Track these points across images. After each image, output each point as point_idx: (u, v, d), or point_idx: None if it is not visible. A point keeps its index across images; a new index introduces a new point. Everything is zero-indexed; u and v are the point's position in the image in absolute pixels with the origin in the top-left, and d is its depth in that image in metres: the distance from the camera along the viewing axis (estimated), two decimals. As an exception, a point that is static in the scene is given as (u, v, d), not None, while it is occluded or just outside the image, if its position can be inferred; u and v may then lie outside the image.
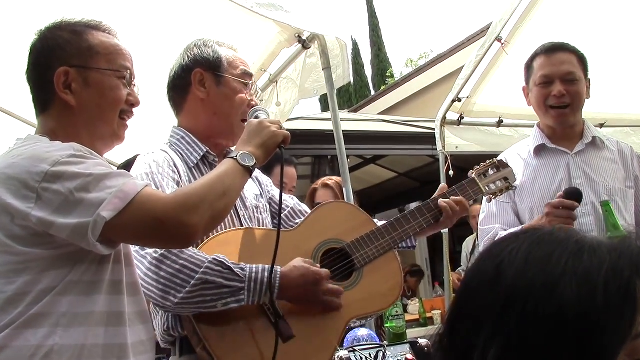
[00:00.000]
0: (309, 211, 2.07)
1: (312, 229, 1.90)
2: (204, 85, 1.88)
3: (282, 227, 1.88)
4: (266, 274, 1.62)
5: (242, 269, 1.62)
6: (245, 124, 1.76)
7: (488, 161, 2.24)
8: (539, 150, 2.45)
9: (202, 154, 1.86)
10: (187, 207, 1.38)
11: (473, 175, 2.18)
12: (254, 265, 1.64)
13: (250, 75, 1.93)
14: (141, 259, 1.61)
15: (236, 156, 1.56)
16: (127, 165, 1.96)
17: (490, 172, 2.21)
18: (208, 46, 1.92)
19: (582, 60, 2.39)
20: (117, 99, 1.52)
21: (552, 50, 2.39)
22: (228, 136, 1.91)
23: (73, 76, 1.48)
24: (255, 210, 1.93)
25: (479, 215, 2.61)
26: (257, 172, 2.08)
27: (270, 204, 2.07)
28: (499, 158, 2.28)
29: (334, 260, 1.86)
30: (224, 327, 1.65)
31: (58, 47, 1.49)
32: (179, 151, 1.87)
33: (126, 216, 1.32)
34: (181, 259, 1.58)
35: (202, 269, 1.58)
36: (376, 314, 2.09)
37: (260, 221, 1.94)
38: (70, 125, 1.49)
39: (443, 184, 2.16)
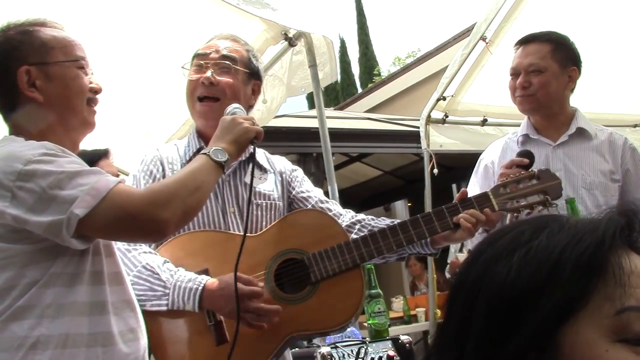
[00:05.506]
0: (332, 208, 2.03)
1: (277, 235, 1.85)
2: None
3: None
4: (190, 285, 1.67)
5: (172, 275, 1.69)
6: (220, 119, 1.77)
7: (526, 171, 1.90)
8: (524, 140, 2.46)
9: (195, 148, 1.93)
10: (159, 202, 1.40)
11: (490, 189, 1.87)
12: (184, 274, 1.70)
13: (205, 55, 1.96)
14: None
15: (209, 152, 1.57)
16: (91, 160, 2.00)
17: (523, 184, 1.84)
18: None
19: (557, 50, 2.35)
20: (81, 87, 1.55)
21: (525, 41, 2.40)
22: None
23: (35, 73, 1.50)
24: (255, 207, 1.90)
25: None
26: (285, 167, 2.08)
27: (294, 201, 2.03)
28: (541, 167, 1.92)
29: (290, 271, 1.80)
30: (166, 326, 1.73)
31: (13, 48, 1.52)
32: (184, 146, 1.98)
33: (98, 213, 1.34)
34: (126, 257, 1.71)
35: (133, 272, 1.69)
36: (322, 333, 1.93)
37: (257, 219, 1.90)
38: (42, 121, 1.52)
39: (463, 189, 1.90)
